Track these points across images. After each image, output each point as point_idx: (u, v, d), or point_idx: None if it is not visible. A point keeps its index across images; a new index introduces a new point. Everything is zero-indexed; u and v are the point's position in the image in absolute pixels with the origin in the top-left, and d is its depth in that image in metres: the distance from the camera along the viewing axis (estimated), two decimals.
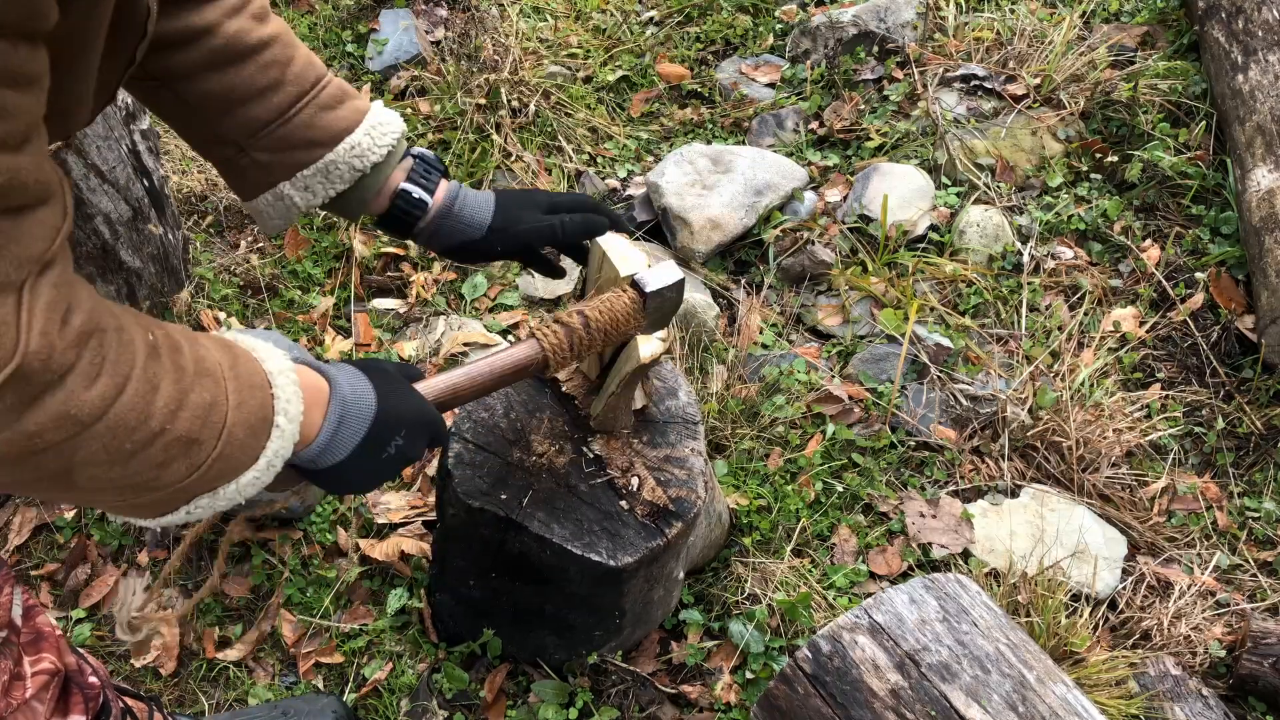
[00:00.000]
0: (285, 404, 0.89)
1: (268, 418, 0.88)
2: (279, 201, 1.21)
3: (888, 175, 2.60)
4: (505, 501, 1.46)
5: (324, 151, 1.18)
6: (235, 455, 0.86)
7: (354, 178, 1.21)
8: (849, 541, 2.01)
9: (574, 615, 1.62)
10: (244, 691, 1.78)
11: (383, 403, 1.01)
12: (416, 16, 3.04)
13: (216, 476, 0.86)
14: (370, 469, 1.02)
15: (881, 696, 1.37)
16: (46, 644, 1.15)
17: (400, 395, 1.05)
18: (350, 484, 1.04)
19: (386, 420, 1.01)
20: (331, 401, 0.98)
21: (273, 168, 1.18)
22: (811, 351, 2.34)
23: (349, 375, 1.01)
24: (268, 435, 0.88)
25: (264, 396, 0.88)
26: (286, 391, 0.90)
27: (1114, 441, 2.13)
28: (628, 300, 1.28)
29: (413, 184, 1.25)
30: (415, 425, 1.05)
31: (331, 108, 1.18)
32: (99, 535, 1.95)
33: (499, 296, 2.42)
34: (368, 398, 1.00)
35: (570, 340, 1.23)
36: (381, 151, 1.21)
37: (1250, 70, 2.59)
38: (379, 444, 1.01)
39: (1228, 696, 1.87)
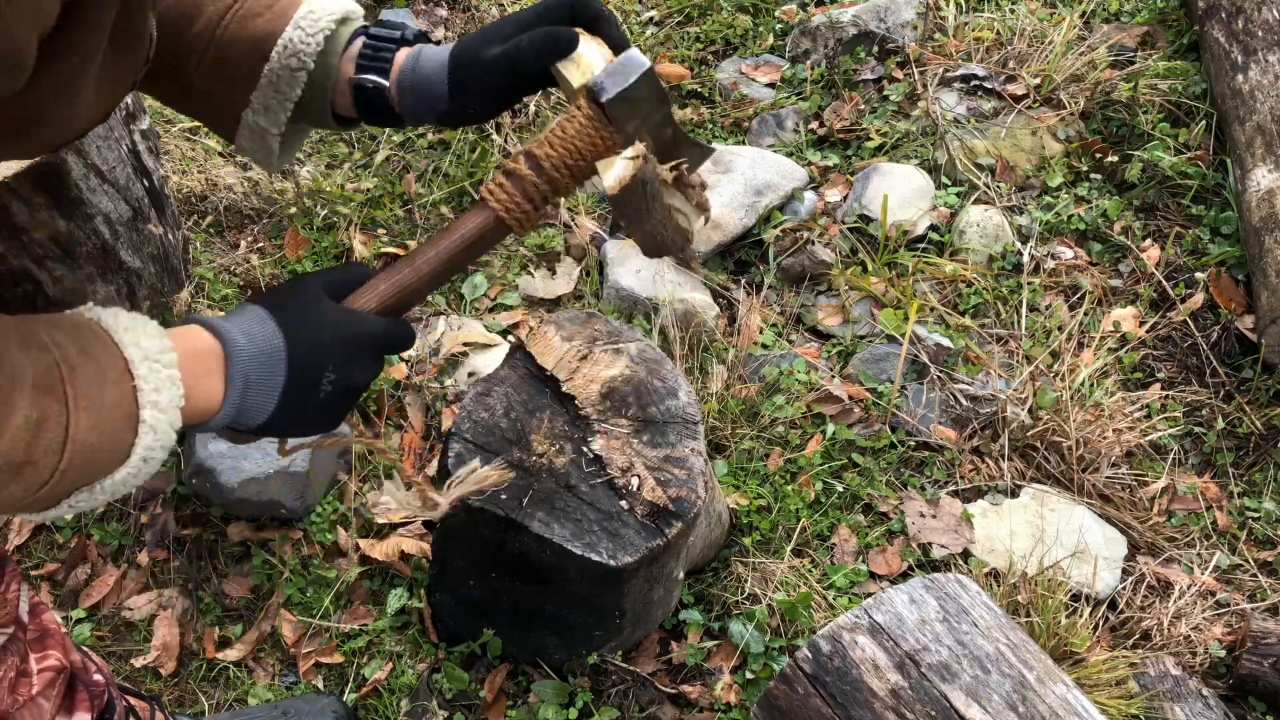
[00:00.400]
0: (153, 395, 0.81)
1: (131, 413, 0.80)
2: (254, 134, 1.10)
3: (888, 175, 2.60)
4: (505, 501, 1.46)
5: (262, 64, 1.05)
6: (94, 459, 0.79)
7: (302, 80, 1.06)
8: (849, 541, 2.01)
9: (574, 615, 1.62)
10: (244, 691, 1.78)
11: (295, 345, 0.90)
12: (416, 16, 3.04)
13: (74, 483, 0.79)
14: (311, 413, 0.93)
15: (881, 696, 1.37)
16: (52, 641, 1.16)
17: (317, 326, 0.92)
18: (300, 431, 0.96)
19: (304, 361, 0.90)
20: (229, 364, 0.88)
21: (229, 99, 1.08)
22: (811, 351, 2.34)
23: (248, 324, 0.90)
24: (134, 431, 0.80)
25: (122, 391, 0.79)
26: (153, 380, 0.81)
27: (1114, 441, 2.13)
28: (583, 119, 1.01)
29: (363, 72, 1.07)
30: (346, 352, 0.93)
31: (258, 14, 1.06)
32: (99, 535, 1.95)
33: (499, 296, 2.42)
34: (273, 345, 0.89)
35: (524, 190, 1.02)
36: (316, 40, 1.05)
37: (1250, 70, 2.59)
38: (307, 387, 0.91)
39: (1228, 696, 1.87)
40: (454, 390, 2.18)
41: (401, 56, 1.08)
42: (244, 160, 2.67)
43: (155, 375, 0.81)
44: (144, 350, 0.82)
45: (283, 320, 0.91)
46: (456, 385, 2.19)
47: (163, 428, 0.82)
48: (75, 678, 1.20)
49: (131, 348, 0.81)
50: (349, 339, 0.94)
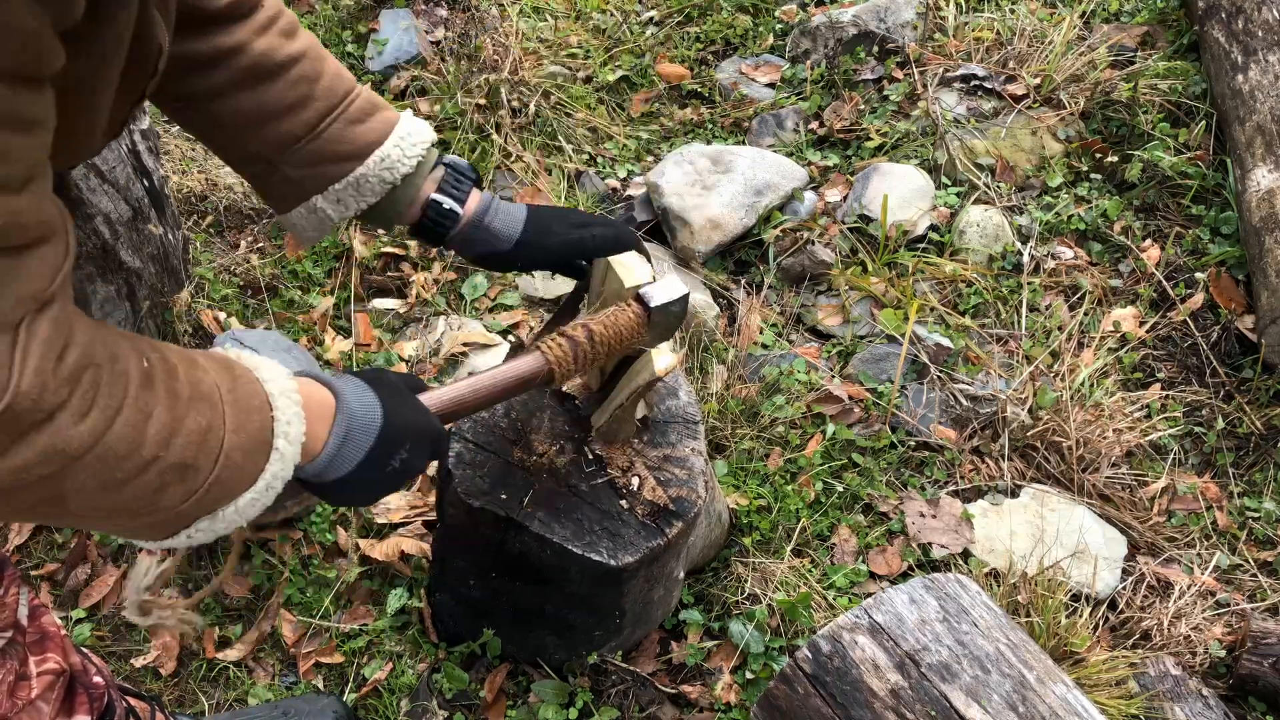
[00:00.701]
0: (285, 426, 0.89)
1: (267, 440, 0.87)
2: (312, 214, 1.22)
3: (888, 175, 2.60)
4: (505, 501, 1.46)
5: (354, 165, 1.18)
6: (233, 478, 0.86)
7: (384, 190, 1.21)
8: (849, 541, 2.01)
9: (574, 615, 1.62)
10: (244, 691, 1.78)
11: (389, 417, 1.01)
12: (416, 16, 3.04)
13: (214, 500, 0.86)
14: (374, 482, 1.02)
15: (881, 696, 1.37)
16: (52, 644, 1.16)
17: (406, 408, 1.04)
18: (354, 497, 1.04)
19: (393, 434, 1.00)
20: (337, 416, 0.97)
21: (304, 182, 1.19)
22: (811, 351, 2.34)
23: (355, 388, 1.01)
24: (266, 458, 0.88)
25: (263, 419, 0.87)
26: (287, 413, 0.89)
27: (1114, 441, 2.13)
28: (632, 315, 1.28)
29: (444, 194, 1.25)
30: (420, 439, 1.04)
31: (361, 121, 1.18)
32: (99, 535, 1.95)
33: (499, 297, 2.42)
34: (374, 411, 1.00)
35: (575, 354, 1.24)
36: (411, 163, 1.21)
37: (1250, 70, 2.59)
38: (384, 458, 1.00)
39: (1228, 696, 1.87)
40: None
41: (475, 198, 1.28)
42: None
43: (289, 410, 0.89)
44: (280, 387, 0.90)
45: (383, 396, 1.02)
46: None
47: (288, 458, 0.89)
48: (75, 680, 1.20)
49: (270, 383, 0.90)
50: (423, 429, 1.05)
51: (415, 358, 2.23)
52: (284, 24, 1.14)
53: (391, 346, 2.27)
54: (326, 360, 2.19)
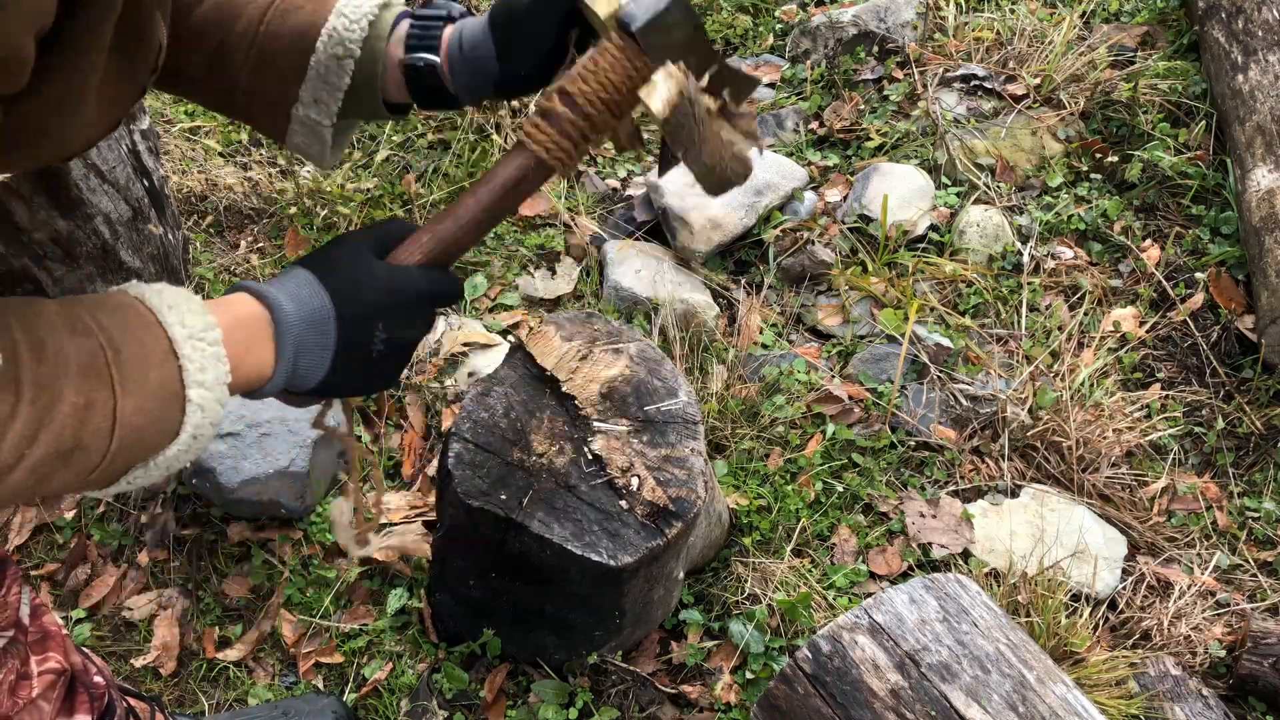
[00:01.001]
0: (198, 374, 0.80)
1: (177, 393, 0.80)
2: (304, 127, 1.11)
3: (888, 175, 2.60)
4: (505, 501, 1.46)
5: (308, 56, 1.07)
6: (141, 441, 0.79)
7: (349, 68, 1.07)
8: (849, 541, 2.01)
9: (574, 615, 1.62)
10: (244, 691, 1.78)
11: (343, 307, 0.89)
12: None
13: (128, 462, 0.79)
14: (366, 369, 0.93)
15: (881, 696, 1.37)
16: (53, 643, 1.16)
17: (364, 285, 0.91)
18: (354, 390, 0.96)
19: (354, 322, 0.90)
20: (278, 330, 0.87)
21: (278, 96, 1.09)
22: (811, 351, 2.34)
23: (295, 287, 0.89)
24: (181, 410, 0.80)
25: (166, 372, 0.79)
26: (197, 359, 0.80)
27: (1114, 441, 2.13)
28: (615, 50, 0.98)
29: (413, 53, 1.08)
30: (395, 309, 0.92)
31: (299, 6, 1.07)
32: (99, 535, 1.95)
33: (499, 296, 2.42)
34: (322, 308, 0.89)
35: (562, 129, 0.99)
36: (360, 25, 1.06)
37: (1250, 70, 2.59)
38: (358, 348, 0.91)
39: (1228, 696, 1.87)
40: (454, 390, 2.18)
41: (448, 33, 1.08)
42: (244, 160, 2.67)
43: (200, 354, 0.81)
44: (188, 329, 0.81)
45: (329, 282, 0.90)
46: (456, 385, 2.18)
47: (210, 405, 0.82)
48: (76, 680, 1.20)
49: (175, 327, 0.81)
50: (397, 296, 0.93)
51: (415, 357, 2.23)
52: None
53: None
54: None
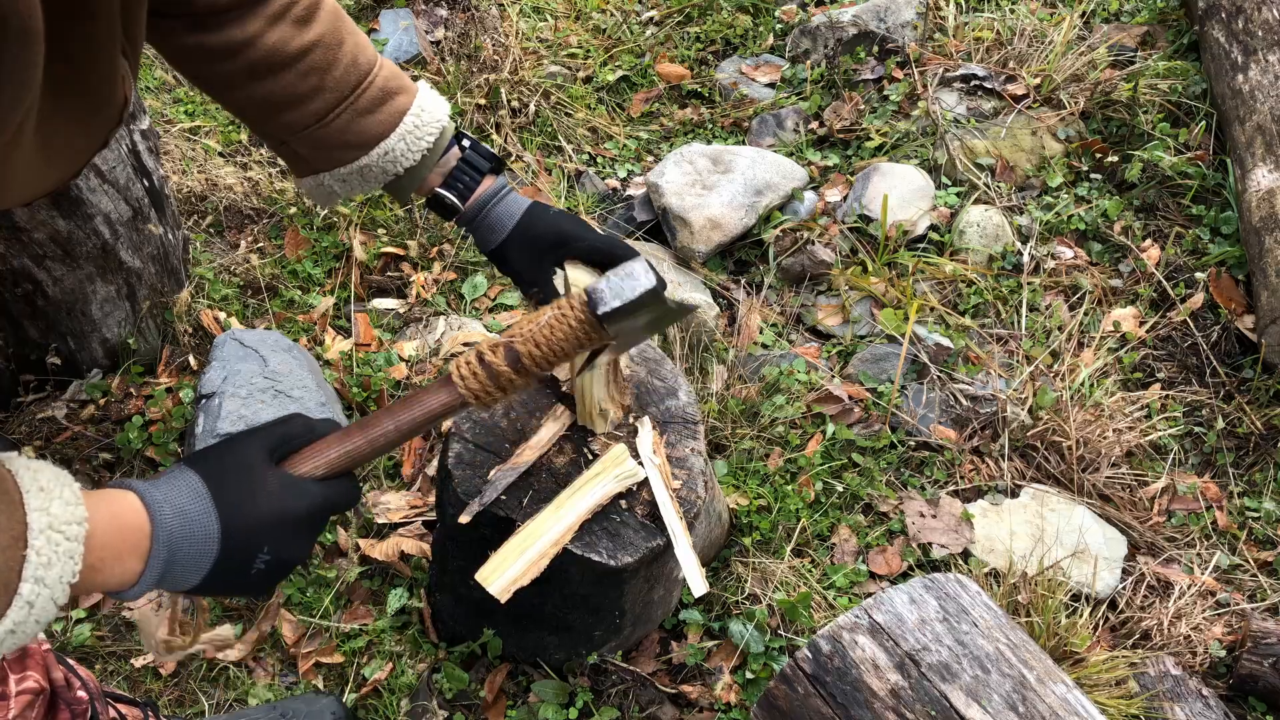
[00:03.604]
0: (41, 569, 0.74)
1: (8, 583, 0.73)
2: (320, 188, 1.25)
3: (888, 175, 2.60)
4: (505, 501, 1.46)
5: (359, 155, 1.20)
6: None
7: (388, 179, 1.24)
8: (849, 541, 2.01)
9: (574, 615, 1.62)
10: (244, 691, 1.78)
11: (230, 524, 0.85)
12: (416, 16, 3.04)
13: None
14: (238, 587, 0.89)
15: (881, 696, 1.37)
16: (32, 661, 1.14)
17: (254, 504, 0.87)
18: (226, 595, 0.98)
19: (239, 542, 0.86)
20: (154, 542, 0.82)
21: (313, 160, 1.22)
22: (811, 351, 2.34)
23: (182, 498, 0.85)
24: (8, 601, 0.73)
25: (9, 558, 0.73)
26: (47, 553, 0.74)
27: (1114, 441, 2.13)
28: (574, 321, 1.01)
29: (447, 188, 1.27)
30: (284, 531, 0.88)
31: (370, 112, 1.19)
32: None
33: (499, 296, 2.42)
34: (206, 527, 0.85)
35: (496, 382, 1.00)
36: (415, 157, 1.22)
37: (1250, 70, 2.59)
38: (237, 567, 0.87)
39: (1228, 696, 1.87)
40: None
41: (485, 186, 1.28)
42: (244, 160, 2.67)
43: (51, 548, 0.75)
44: (50, 518, 0.75)
45: (219, 496, 0.86)
46: None
47: (42, 602, 0.75)
48: (57, 696, 1.18)
49: (37, 513, 0.75)
50: (287, 518, 0.89)
51: (415, 357, 2.23)
52: (298, 11, 1.12)
53: (391, 346, 2.27)
54: (326, 360, 2.19)
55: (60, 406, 2.06)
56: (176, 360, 2.16)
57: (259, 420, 1.93)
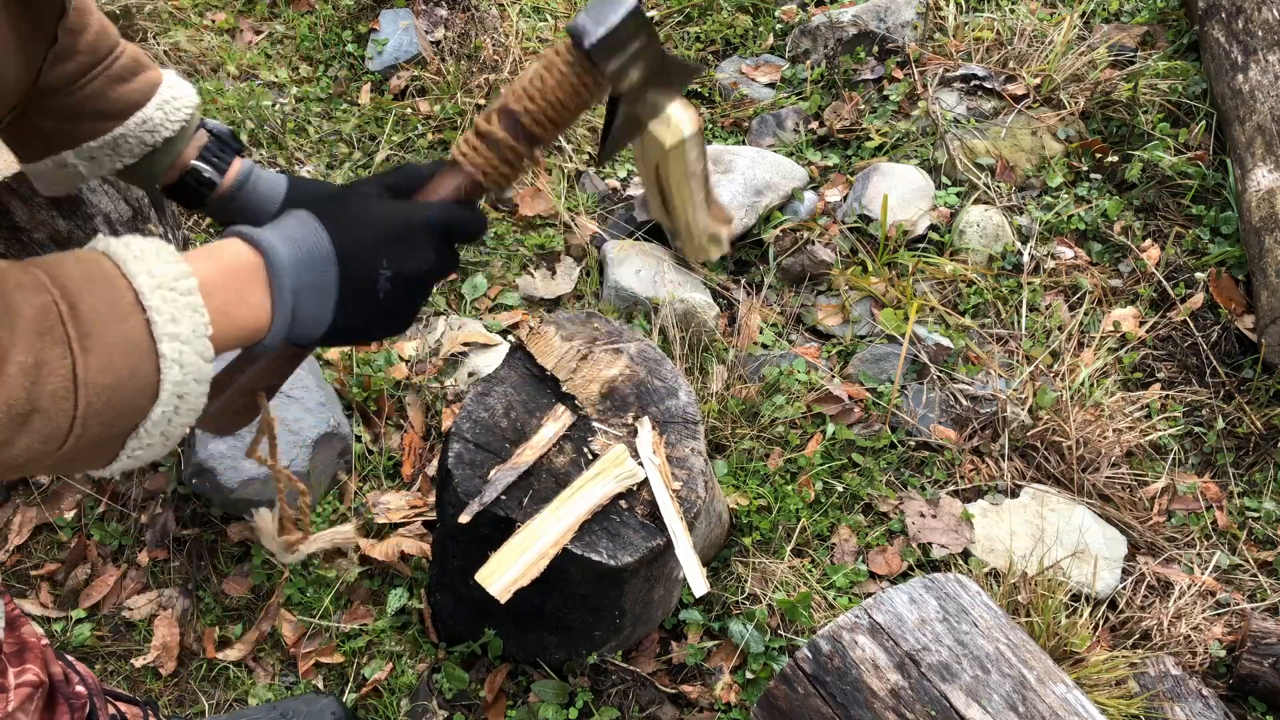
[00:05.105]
0: (170, 325, 0.73)
1: (145, 348, 0.72)
2: (61, 169, 1.14)
3: (888, 175, 2.60)
4: (505, 501, 1.46)
5: (113, 125, 1.11)
6: (116, 403, 0.71)
7: (143, 152, 1.14)
8: (849, 541, 2.01)
9: (574, 615, 1.62)
10: (244, 691, 1.78)
11: (342, 244, 0.83)
12: (416, 16, 3.04)
13: (105, 428, 0.72)
14: (376, 311, 0.86)
15: (881, 696, 1.37)
16: (31, 655, 1.14)
17: (363, 218, 0.86)
18: (367, 334, 0.89)
19: (354, 255, 0.83)
20: (272, 274, 0.81)
21: (57, 135, 1.11)
22: (811, 351, 2.34)
23: (290, 228, 0.84)
24: (155, 368, 0.72)
25: (132, 325, 0.72)
26: (167, 310, 0.73)
27: (1114, 441, 2.13)
28: (564, 66, 0.91)
29: (204, 161, 1.17)
30: (400, 239, 0.86)
31: (124, 80, 1.11)
32: (99, 535, 1.95)
33: (499, 296, 2.42)
34: (319, 246, 0.83)
35: (501, 155, 0.93)
36: (174, 127, 1.14)
37: (1250, 70, 2.59)
38: (363, 285, 0.84)
39: (1228, 696, 1.87)
40: (454, 390, 2.18)
41: (236, 167, 1.18)
42: None
43: (170, 304, 0.73)
44: (156, 279, 0.73)
45: (327, 219, 0.84)
46: (456, 385, 2.18)
47: (190, 360, 0.74)
48: (55, 690, 1.18)
49: (141, 277, 0.73)
50: (400, 226, 0.86)
51: (415, 357, 2.23)
52: None
53: (391, 346, 2.27)
54: (326, 360, 2.19)
55: None
56: None
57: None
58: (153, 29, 2.91)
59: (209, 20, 3.07)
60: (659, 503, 1.48)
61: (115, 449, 0.74)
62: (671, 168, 1.05)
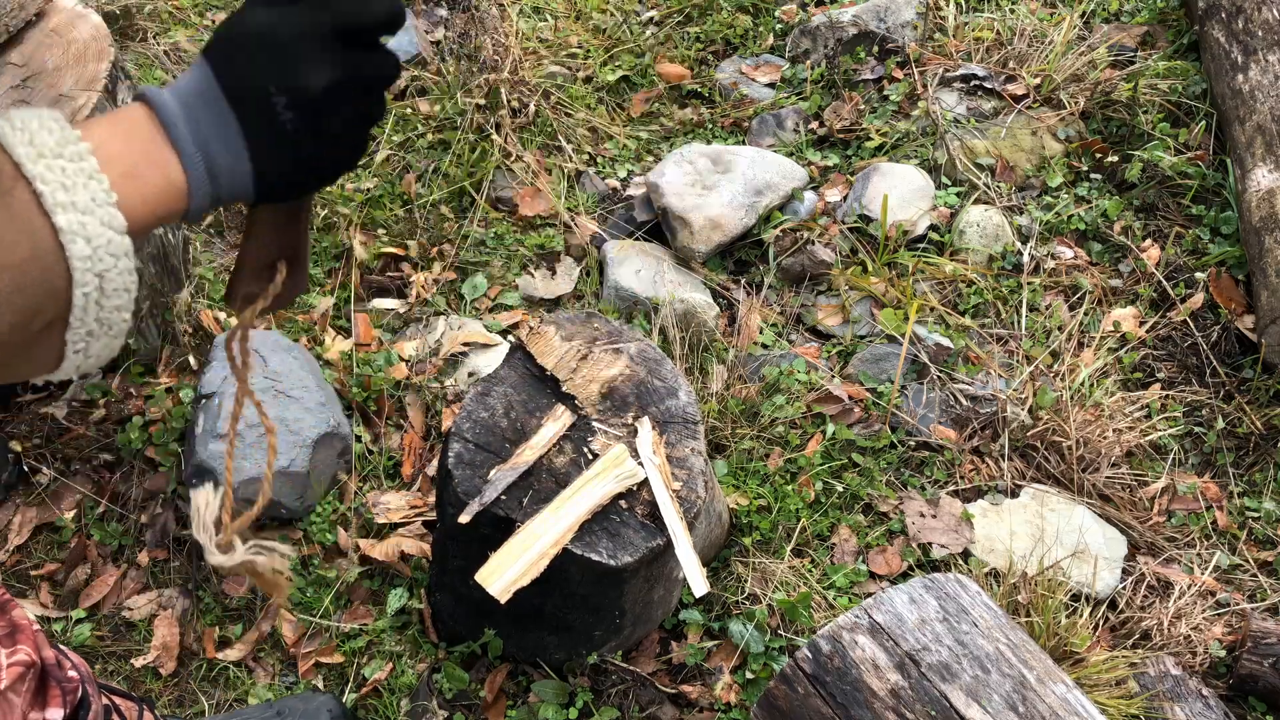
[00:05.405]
0: (62, 195, 0.65)
1: (39, 225, 0.64)
2: None
3: (888, 175, 2.60)
4: (505, 501, 1.46)
5: None
6: (26, 286, 0.64)
7: None
8: (849, 541, 2.01)
9: (574, 615, 1.62)
10: (244, 691, 1.78)
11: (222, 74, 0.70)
12: (416, 16, 3.04)
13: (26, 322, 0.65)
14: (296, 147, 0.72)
15: (881, 696, 1.37)
16: (23, 636, 1.14)
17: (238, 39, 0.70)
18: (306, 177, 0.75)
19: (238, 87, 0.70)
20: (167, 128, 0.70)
21: None
22: (811, 351, 2.34)
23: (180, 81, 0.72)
24: (54, 242, 0.64)
25: (17, 200, 0.64)
26: (53, 179, 0.65)
27: (1114, 441, 2.13)
28: None
29: None
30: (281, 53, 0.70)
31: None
32: (99, 535, 1.95)
33: (499, 296, 2.42)
34: (201, 80, 0.70)
35: None
36: None
37: (1250, 70, 2.59)
38: (263, 118, 0.70)
39: (1228, 696, 1.87)
40: (454, 390, 2.18)
41: None
42: None
43: (58, 174, 0.65)
44: (38, 147, 0.65)
45: (210, 53, 0.71)
46: (456, 385, 2.18)
47: (95, 230, 0.65)
48: (47, 674, 1.18)
49: (21, 148, 0.65)
50: (277, 36, 0.70)
51: (415, 357, 2.23)
52: None
53: (391, 346, 2.27)
54: (327, 360, 2.19)
55: (60, 406, 2.07)
56: (176, 360, 2.16)
57: (258, 420, 1.93)
58: (153, 29, 2.91)
59: (209, 20, 3.07)
60: (659, 503, 1.47)
61: (55, 345, 0.67)
62: None
